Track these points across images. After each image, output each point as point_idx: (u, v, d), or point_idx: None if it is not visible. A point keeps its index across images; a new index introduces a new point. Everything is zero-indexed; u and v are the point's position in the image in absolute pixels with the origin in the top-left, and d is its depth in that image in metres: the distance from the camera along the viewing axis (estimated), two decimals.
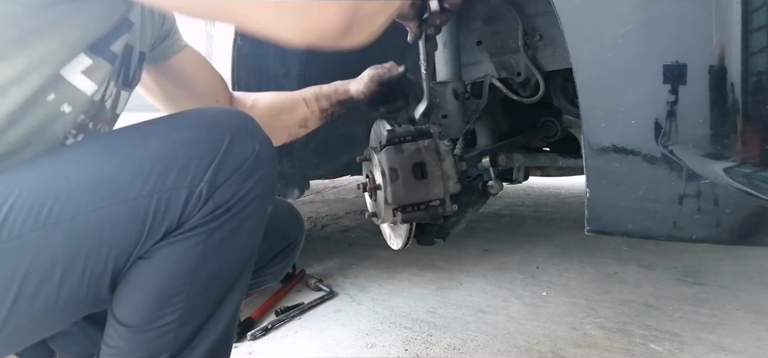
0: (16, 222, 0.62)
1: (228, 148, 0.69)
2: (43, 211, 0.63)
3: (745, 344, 1.34)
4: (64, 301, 0.67)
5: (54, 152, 0.71)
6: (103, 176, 0.66)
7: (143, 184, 0.66)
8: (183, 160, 0.67)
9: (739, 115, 0.70)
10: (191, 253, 0.70)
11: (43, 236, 0.63)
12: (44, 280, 0.64)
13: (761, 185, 0.70)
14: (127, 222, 0.66)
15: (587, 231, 0.84)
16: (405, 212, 1.09)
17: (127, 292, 0.71)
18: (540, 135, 1.28)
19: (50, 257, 0.64)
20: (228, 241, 0.72)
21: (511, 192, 3.41)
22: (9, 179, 0.65)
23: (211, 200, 0.69)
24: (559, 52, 1.07)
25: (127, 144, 0.70)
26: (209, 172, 0.68)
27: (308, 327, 1.66)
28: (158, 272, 0.70)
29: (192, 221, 0.69)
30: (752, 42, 0.69)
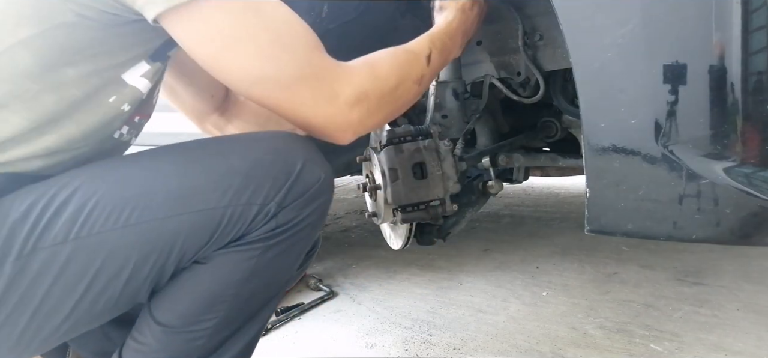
0: (98, 220, 0.66)
1: (299, 173, 0.74)
2: (124, 212, 0.67)
3: (745, 344, 1.34)
4: (123, 299, 0.70)
5: (129, 157, 0.75)
6: (186, 184, 0.70)
7: (221, 196, 0.70)
8: (259, 179, 0.71)
9: (739, 115, 0.70)
10: (244, 265, 0.73)
11: (120, 236, 0.66)
12: (113, 278, 0.68)
13: (761, 185, 0.70)
14: (200, 229, 0.69)
15: (587, 231, 0.84)
16: (405, 212, 1.09)
17: (172, 293, 0.74)
18: (540, 135, 1.28)
19: (123, 257, 0.67)
20: (277, 260, 0.76)
21: (511, 192, 3.41)
22: (95, 178, 0.69)
23: (274, 218, 0.73)
24: (559, 52, 1.07)
25: (209, 157, 0.74)
26: (280, 194, 0.72)
27: (308, 327, 1.66)
28: (208, 279, 0.73)
29: (253, 235, 0.73)
30: (752, 42, 0.69)
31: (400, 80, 0.83)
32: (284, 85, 0.72)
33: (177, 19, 0.66)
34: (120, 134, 0.81)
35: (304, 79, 0.72)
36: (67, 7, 0.66)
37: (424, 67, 0.89)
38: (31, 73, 0.67)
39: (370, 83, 0.78)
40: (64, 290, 0.66)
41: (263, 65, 0.70)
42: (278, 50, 0.71)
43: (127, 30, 0.70)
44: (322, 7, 1.25)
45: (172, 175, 0.70)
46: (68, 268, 0.65)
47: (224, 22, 0.68)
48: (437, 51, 0.92)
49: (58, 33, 0.67)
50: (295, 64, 0.72)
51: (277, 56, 0.71)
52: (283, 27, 0.72)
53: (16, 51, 0.66)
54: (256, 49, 0.69)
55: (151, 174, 0.71)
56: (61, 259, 0.64)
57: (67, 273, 0.65)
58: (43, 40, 0.66)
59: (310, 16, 1.23)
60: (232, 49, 0.69)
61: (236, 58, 0.70)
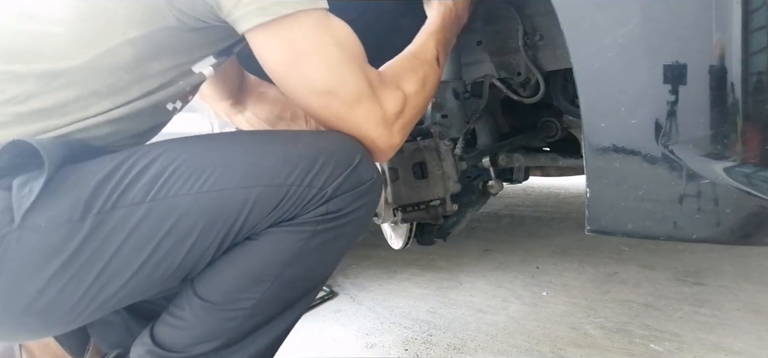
0: (176, 183, 0.70)
1: (357, 165, 0.78)
2: (201, 178, 0.71)
3: (745, 344, 1.34)
4: (182, 267, 0.73)
5: (214, 135, 0.80)
6: (257, 160, 0.75)
7: (288, 174, 0.74)
8: (322, 163, 0.76)
9: (739, 115, 0.70)
10: (292, 246, 0.77)
11: (193, 201, 0.70)
12: (179, 242, 0.71)
13: (761, 185, 0.70)
14: (266, 202, 0.73)
15: (587, 231, 0.84)
16: (405, 211, 1.10)
17: (217, 268, 0.76)
18: (540, 135, 1.28)
19: (192, 221, 0.71)
20: (322, 249, 0.79)
21: (511, 192, 3.41)
22: (177, 147, 0.74)
23: (326, 203, 0.76)
24: (559, 52, 1.07)
25: (278, 141, 0.79)
26: (338, 180, 0.76)
27: (308, 327, 1.66)
28: (256, 254, 0.76)
29: (304, 216, 0.76)
30: (752, 42, 0.69)
31: (425, 93, 0.91)
32: (344, 100, 0.79)
33: (262, 33, 0.74)
34: (173, 107, 0.86)
35: (362, 97, 0.79)
36: (171, 13, 0.73)
37: (437, 71, 0.95)
38: (127, 66, 0.74)
39: (404, 102, 0.85)
40: (131, 251, 0.69)
41: (329, 79, 0.77)
42: (343, 67, 0.78)
43: (212, 34, 0.78)
44: None
45: (246, 151, 0.75)
46: (140, 227, 0.68)
47: (301, 37, 0.75)
48: (443, 49, 0.97)
49: (160, 34, 0.74)
50: (356, 82, 0.79)
51: (342, 72, 0.78)
52: (348, 46, 0.79)
53: (122, 48, 0.73)
54: (326, 65, 0.77)
55: (227, 149, 0.76)
56: (136, 218, 0.68)
57: (138, 233, 0.69)
58: (146, 40, 0.74)
59: None
60: (304, 60, 0.76)
61: (307, 70, 0.76)
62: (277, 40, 0.75)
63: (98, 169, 0.69)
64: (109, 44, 0.72)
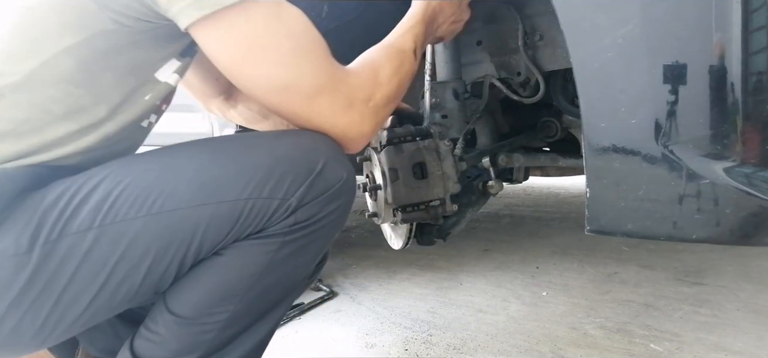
0: (122, 207, 0.67)
1: (321, 170, 0.74)
2: (148, 200, 0.68)
3: (745, 344, 1.34)
4: (144, 290, 0.71)
5: (157, 150, 0.76)
6: (209, 176, 0.71)
7: (243, 188, 0.70)
8: (281, 173, 0.72)
9: (739, 115, 0.70)
10: (260, 259, 0.74)
11: (143, 224, 0.67)
12: (134, 267, 0.68)
13: (761, 185, 0.70)
14: (222, 221, 0.70)
15: (587, 231, 0.84)
16: (405, 211, 1.09)
17: (188, 283, 0.74)
18: (540, 135, 1.28)
19: (145, 245, 0.68)
20: (293, 257, 0.76)
21: (511, 192, 3.41)
22: (122, 167, 0.71)
23: (293, 214, 0.73)
24: (559, 52, 1.07)
25: (232, 150, 0.74)
26: (301, 189, 0.73)
27: (308, 327, 1.66)
28: (223, 270, 0.74)
29: (272, 229, 0.73)
30: (752, 42, 0.69)
31: (399, 81, 0.86)
32: (304, 94, 0.74)
33: (205, 28, 0.69)
34: (148, 123, 0.84)
35: (323, 88, 0.75)
36: (105, 15, 0.69)
37: (413, 62, 0.91)
38: (73, 79, 0.70)
39: (377, 88, 0.81)
40: (87, 277, 0.67)
41: (284, 72, 0.72)
42: (298, 57, 0.73)
43: (160, 33, 0.73)
44: (322, 7, 1.25)
45: (196, 167, 0.71)
46: (92, 254, 0.66)
47: (248, 30, 0.70)
48: (420, 43, 0.94)
49: (98, 40, 0.70)
50: (313, 73, 0.74)
51: (297, 63, 0.73)
52: (302, 36, 0.74)
53: (60, 58, 0.69)
54: (278, 58, 0.72)
55: (176, 165, 0.72)
56: (86, 245, 0.66)
57: (91, 260, 0.66)
58: (85, 47, 0.70)
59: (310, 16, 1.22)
60: (254, 55, 0.71)
61: (258, 65, 0.72)
62: (223, 34, 0.69)
63: (44, 197, 0.67)
64: (45, 55, 0.68)
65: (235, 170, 0.71)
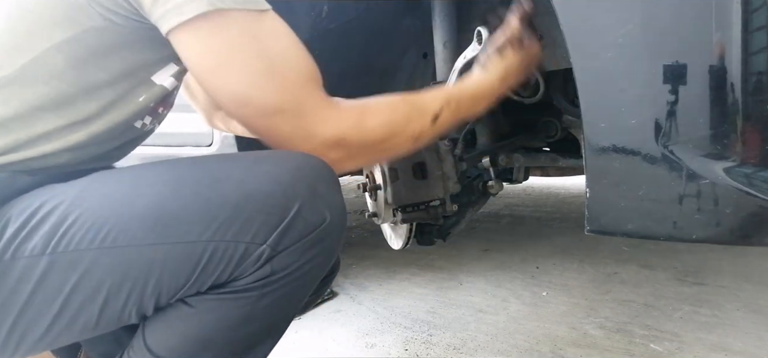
0: (75, 236, 0.64)
1: (298, 212, 0.67)
2: (101, 231, 0.64)
3: (745, 344, 1.34)
4: (103, 322, 0.68)
5: (126, 171, 0.73)
6: (166, 211, 0.65)
7: (204, 229, 0.65)
8: (249, 213, 0.65)
9: (739, 115, 0.70)
10: (238, 312, 0.69)
11: (95, 256, 0.64)
12: (88, 300, 0.65)
13: (761, 185, 0.70)
14: (179, 264, 0.65)
15: (587, 231, 0.84)
16: (405, 212, 1.09)
17: (165, 328, 0.71)
18: (540, 135, 1.28)
19: (97, 279, 0.64)
20: (276, 305, 0.71)
21: (511, 192, 3.41)
22: (83, 191, 0.67)
23: (269, 263, 0.67)
24: (559, 52, 1.07)
25: (200, 181, 0.68)
26: (274, 236, 0.66)
27: (308, 327, 1.66)
28: (200, 324, 0.70)
29: (244, 281, 0.68)
30: (752, 42, 0.69)
31: (390, 135, 0.79)
32: (265, 114, 0.72)
33: (181, 34, 0.68)
34: (142, 124, 0.82)
35: (285, 112, 0.72)
36: (95, 10, 0.68)
37: (426, 125, 0.83)
38: (65, 76, 0.69)
39: (354, 131, 0.76)
40: (42, 302, 0.65)
41: (248, 91, 0.70)
42: (266, 78, 0.71)
43: (153, 35, 0.71)
44: (322, 7, 1.25)
45: (155, 200, 0.66)
46: (45, 281, 0.64)
47: (222, 41, 0.69)
48: (450, 112, 0.86)
49: (89, 36, 0.69)
50: (278, 96, 0.71)
51: (263, 85, 0.71)
52: (277, 57, 0.72)
53: (50, 54, 0.68)
54: (244, 73, 0.70)
55: (136, 195, 0.67)
56: (39, 271, 0.63)
57: (45, 286, 0.64)
58: (75, 44, 0.68)
59: (310, 16, 1.23)
60: (222, 68, 0.70)
61: (225, 79, 0.70)
62: (198, 42, 0.68)
63: (9, 210, 0.65)
64: (36, 51, 0.67)
65: (197, 208, 0.65)
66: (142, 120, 0.81)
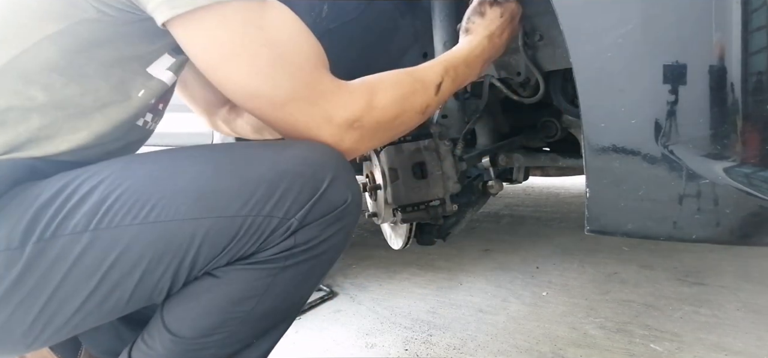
0: (118, 213, 0.65)
1: (325, 191, 0.71)
2: (145, 207, 0.66)
3: (745, 344, 1.34)
4: (136, 298, 0.69)
5: (162, 153, 0.74)
6: (208, 188, 0.68)
7: (243, 204, 0.68)
8: (284, 190, 0.69)
9: (739, 115, 0.70)
10: (259, 283, 0.72)
11: (138, 232, 0.66)
12: (126, 274, 0.67)
13: (761, 185, 0.70)
14: (218, 237, 0.68)
15: (587, 231, 0.84)
16: (405, 211, 1.09)
17: (185, 303, 0.72)
18: (540, 135, 1.28)
19: (138, 253, 0.66)
20: (295, 280, 0.74)
21: (511, 192, 3.41)
22: (123, 170, 0.69)
23: (293, 236, 0.70)
24: (559, 52, 1.07)
25: (235, 161, 0.71)
26: (303, 210, 0.70)
27: (308, 327, 1.66)
28: (223, 295, 0.71)
29: (268, 252, 0.70)
30: (752, 42, 0.69)
31: (401, 110, 0.81)
32: (278, 104, 0.72)
33: (182, 26, 0.67)
34: (144, 122, 0.82)
35: (298, 100, 0.72)
36: (87, 3, 0.68)
37: (430, 96, 0.85)
38: (56, 66, 0.69)
39: (366, 111, 0.76)
40: (78, 280, 0.66)
41: (259, 82, 0.70)
42: (275, 68, 0.70)
43: (148, 27, 0.71)
44: (322, 7, 1.25)
45: (196, 177, 0.69)
46: (85, 258, 0.65)
47: (225, 34, 0.68)
48: (450, 79, 0.88)
49: (81, 28, 0.69)
50: (290, 84, 0.71)
51: (273, 75, 0.70)
52: (285, 45, 0.71)
53: (42, 45, 0.68)
54: (253, 66, 0.69)
55: (176, 173, 0.70)
56: (79, 248, 0.65)
57: (83, 263, 0.65)
58: (68, 35, 0.68)
59: (310, 16, 1.23)
60: (230, 62, 0.69)
61: (233, 72, 0.70)
62: (200, 36, 0.68)
63: (40, 192, 0.66)
64: (27, 43, 0.67)
65: (236, 184, 0.68)
66: (143, 117, 0.81)
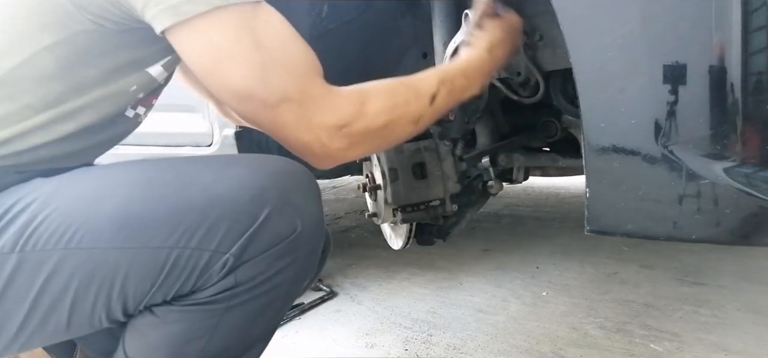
0: (43, 236, 0.64)
1: (265, 220, 0.66)
2: (68, 232, 0.64)
3: (745, 344, 1.34)
4: (75, 325, 0.68)
5: (101, 170, 0.73)
6: (132, 214, 0.65)
7: (168, 235, 0.64)
8: (214, 219, 0.65)
9: (739, 115, 0.70)
10: (206, 323, 0.69)
11: (62, 257, 0.64)
12: (57, 300, 0.65)
13: (761, 185, 0.70)
14: (143, 269, 0.65)
15: (587, 231, 0.84)
16: (405, 212, 1.10)
17: (140, 337, 0.71)
18: (540, 135, 1.28)
19: (64, 279, 0.65)
20: (248, 318, 0.70)
21: (511, 192, 3.40)
22: (55, 190, 0.68)
23: (232, 274, 0.66)
24: (559, 52, 1.07)
25: (166, 183, 0.69)
26: (238, 244, 0.65)
27: (308, 327, 1.66)
28: (167, 334, 0.69)
29: (209, 291, 0.67)
30: (752, 42, 0.69)
31: (392, 119, 0.79)
32: (269, 105, 0.71)
33: (179, 33, 0.68)
34: (134, 114, 0.83)
35: (289, 102, 0.71)
36: (84, 17, 0.68)
37: (424, 107, 0.82)
38: (54, 76, 0.70)
39: (356, 117, 0.75)
40: (14, 300, 0.65)
41: (250, 84, 0.70)
42: (267, 70, 0.70)
43: (144, 36, 0.71)
44: (322, 7, 1.25)
45: (123, 202, 0.66)
46: (15, 278, 0.64)
47: (220, 38, 0.68)
48: (446, 91, 0.85)
49: (79, 39, 0.70)
50: (281, 86, 0.71)
51: (265, 77, 0.70)
52: (277, 49, 0.71)
53: (40, 56, 0.69)
54: (246, 68, 0.69)
55: (104, 196, 0.67)
56: (9, 268, 0.64)
57: (15, 284, 0.64)
58: (65, 46, 0.69)
59: (310, 16, 1.23)
60: (223, 64, 0.69)
61: (226, 74, 0.70)
62: (195, 41, 0.68)
63: None
64: (26, 54, 0.68)
65: (163, 211, 0.65)
66: (134, 110, 0.82)
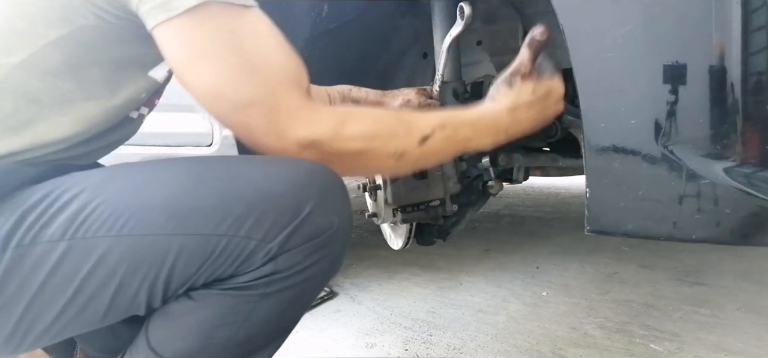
0: (93, 224, 0.65)
1: (308, 215, 0.68)
2: (119, 220, 0.65)
3: (745, 344, 1.34)
4: (114, 310, 0.69)
5: (145, 165, 0.74)
6: (185, 204, 0.67)
7: (218, 223, 0.66)
8: (262, 211, 0.67)
9: (739, 115, 0.70)
10: (240, 309, 0.70)
11: (112, 244, 0.65)
12: (101, 286, 0.66)
13: (761, 185, 0.70)
14: (192, 255, 0.67)
15: (587, 231, 0.84)
16: (405, 212, 1.10)
17: (166, 322, 0.72)
18: (540, 135, 1.28)
19: (112, 265, 0.66)
20: (278, 308, 0.72)
21: (511, 192, 3.41)
22: (104, 181, 0.69)
23: (273, 261, 0.68)
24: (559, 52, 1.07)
25: (215, 177, 0.70)
26: (283, 234, 0.67)
27: (308, 327, 1.66)
28: (201, 319, 0.70)
29: (247, 276, 0.69)
30: (752, 42, 0.69)
31: (368, 148, 0.77)
32: (238, 106, 0.70)
33: (165, 29, 0.68)
34: (138, 115, 0.84)
35: (257, 107, 0.70)
36: (87, 9, 0.69)
37: (411, 145, 0.78)
38: (59, 72, 0.70)
39: (331, 137, 0.74)
40: (56, 288, 0.66)
41: (222, 83, 0.70)
42: (241, 73, 0.70)
43: (145, 33, 0.71)
44: (322, 7, 1.25)
45: (174, 192, 0.68)
46: (61, 266, 0.65)
47: (199, 36, 0.69)
48: (444, 136, 0.81)
49: (82, 33, 0.70)
50: (253, 91, 0.70)
51: (237, 78, 0.70)
52: (256, 55, 0.71)
53: (46, 51, 0.69)
54: (220, 68, 0.69)
55: (154, 187, 0.69)
56: (55, 256, 0.65)
57: (60, 271, 0.65)
58: (69, 41, 0.70)
59: (310, 16, 1.23)
60: (198, 62, 0.70)
61: (200, 73, 0.70)
62: (177, 37, 0.68)
63: (28, 197, 0.66)
64: (31, 48, 0.69)
65: (213, 201, 0.67)
66: (138, 111, 0.83)
